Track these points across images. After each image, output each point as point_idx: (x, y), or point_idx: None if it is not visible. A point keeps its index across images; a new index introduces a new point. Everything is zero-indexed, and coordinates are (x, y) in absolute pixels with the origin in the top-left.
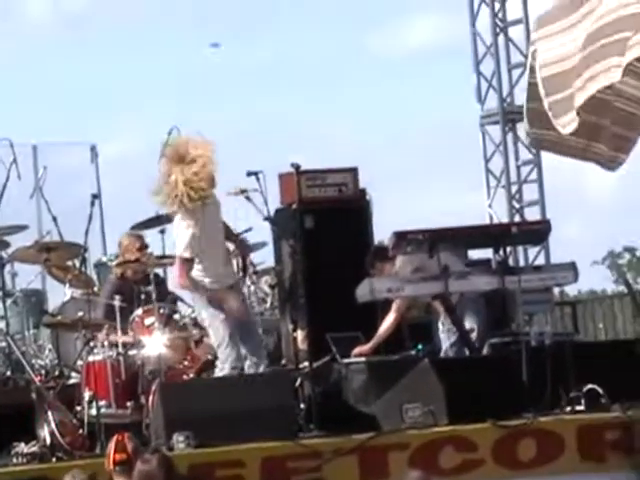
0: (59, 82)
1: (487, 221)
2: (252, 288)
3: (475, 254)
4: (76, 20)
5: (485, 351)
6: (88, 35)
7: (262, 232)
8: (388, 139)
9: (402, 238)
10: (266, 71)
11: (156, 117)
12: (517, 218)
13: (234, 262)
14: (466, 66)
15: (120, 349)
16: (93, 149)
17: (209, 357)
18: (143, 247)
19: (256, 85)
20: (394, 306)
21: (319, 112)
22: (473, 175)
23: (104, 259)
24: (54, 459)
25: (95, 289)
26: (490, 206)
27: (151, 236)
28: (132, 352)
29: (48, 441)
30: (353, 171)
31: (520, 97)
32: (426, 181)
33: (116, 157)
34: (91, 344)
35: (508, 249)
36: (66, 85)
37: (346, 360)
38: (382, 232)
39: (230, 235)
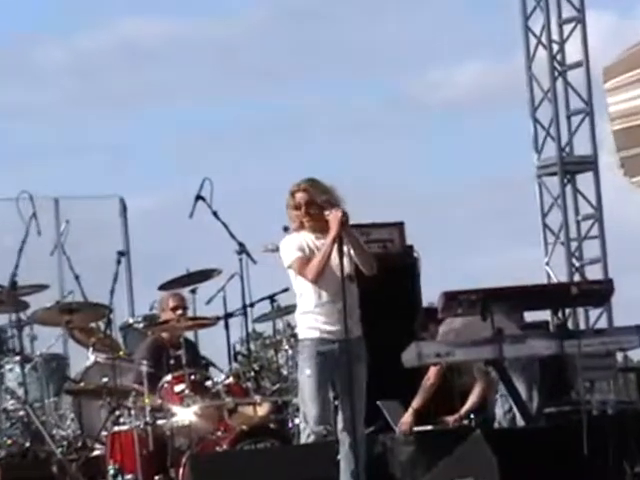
0: (79, 134)
1: (544, 280)
2: (290, 352)
3: (531, 316)
4: (93, 69)
5: (542, 421)
6: (107, 85)
7: None
8: (435, 191)
9: (452, 299)
10: (302, 119)
11: (182, 170)
12: (577, 277)
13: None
14: (521, 113)
15: (148, 418)
16: (122, 202)
17: (244, 428)
18: (178, 307)
19: (292, 135)
20: (433, 370)
21: (359, 162)
22: (529, 231)
23: (131, 321)
24: None
25: (121, 353)
26: (548, 264)
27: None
28: (161, 422)
29: None
30: (399, 226)
31: (580, 146)
32: (477, 237)
33: (142, 211)
34: (116, 413)
35: (567, 311)
36: (88, 137)
37: (392, 431)
38: (430, 291)
39: None
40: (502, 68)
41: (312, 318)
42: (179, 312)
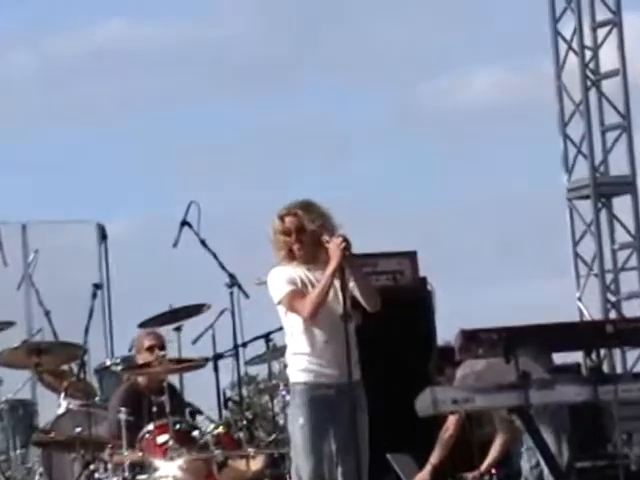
0: (48, 154)
1: (576, 317)
2: (287, 398)
3: (561, 358)
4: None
5: (573, 477)
6: (77, 94)
7: None
8: (452, 215)
9: (471, 338)
10: (301, 132)
11: (158, 191)
12: (613, 314)
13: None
14: (549, 128)
15: (127, 473)
16: (100, 228)
17: None
18: (156, 347)
19: (289, 151)
20: (451, 420)
21: (360, 182)
22: (558, 260)
23: (108, 363)
24: None
25: (96, 399)
26: (580, 299)
27: (165, 334)
28: (141, 477)
29: None
30: (411, 255)
31: (616, 166)
32: (500, 267)
33: (120, 238)
34: (91, 467)
35: (602, 352)
36: (55, 157)
37: None
38: (446, 329)
39: None
40: (527, 77)
41: (305, 360)
42: (156, 353)
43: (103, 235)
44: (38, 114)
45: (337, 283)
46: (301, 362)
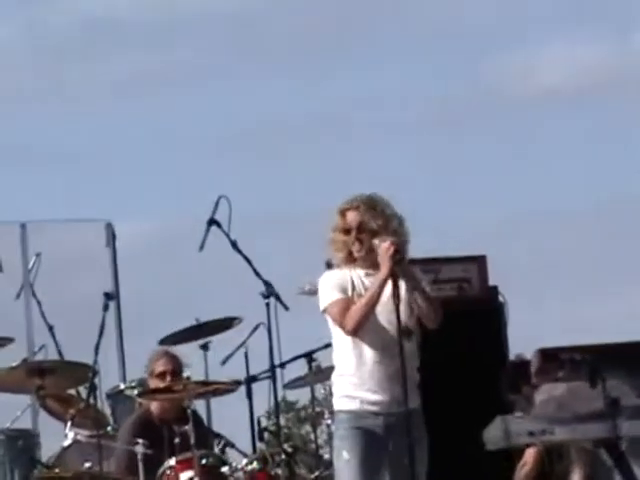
0: (50, 145)
1: None
2: (333, 428)
3: None
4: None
5: None
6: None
7: None
8: (527, 211)
9: (551, 359)
10: (348, 117)
11: (179, 186)
12: None
13: None
14: None
15: None
16: (109, 228)
17: None
18: (166, 373)
19: (334, 137)
20: (530, 453)
21: (420, 172)
22: None
23: (122, 386)
24: None
25: (109, 429)
26: None
27: (190, 353)
28: None
29: None
30: (479, 260)
31: None
32: (584, 275)
33: (135, 240)
34: None
35: None
36: (58, 149)
37: None
38: (519, 347)
39: None
40: (619, 51)
41: (350, 383)
42: (168, 379)
43: (113, 236)
44: (33, 97)
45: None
46: (346, 386)
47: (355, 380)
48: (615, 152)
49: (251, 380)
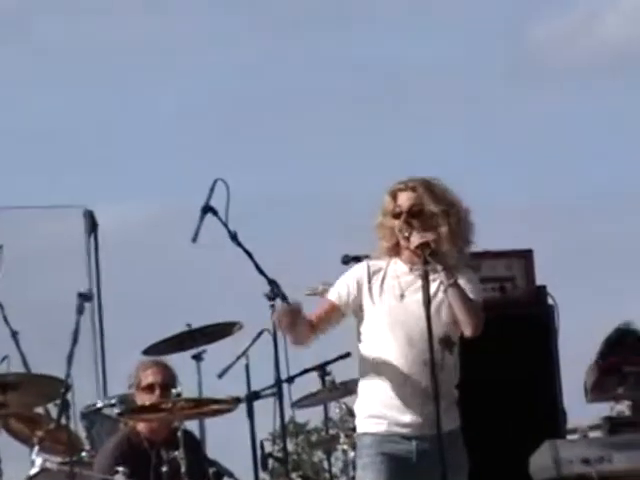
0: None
1: None
2: (351, 455)
3: None
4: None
5: None
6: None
7: None
8: (579, 197)
9: (611, 372)
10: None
11: (168, 169)
12: None
13: None
14: None
15: None
16: (88, 216)
17: None
18: (164, 384)
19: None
20: None
21: (455, 155)
22: None
23: (100, 404)
24: None
25: (83, 455)
26: None
27: (181, 365)
28: None
29: None
30: (525, 256)
31: None
32: None
33: (117, 231)
34: None
35: None
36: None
37: None
38: (572, 355)
39: None
40: None
41: (376, 401)
42: (157, 393)
43: (92, 225)
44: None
45: (440, 296)
46: (369, 404)
47: (380, 397)
48: None
49: (253, 397)
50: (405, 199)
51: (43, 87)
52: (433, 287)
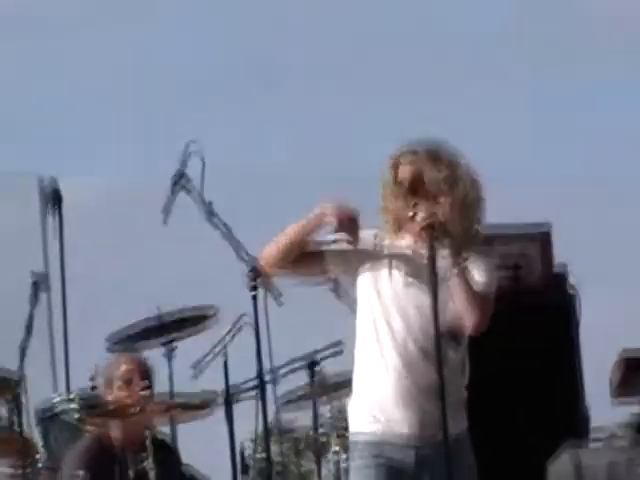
0: None
1: None
2: (344, 460)
3: None
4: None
5: None
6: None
7: None
8: (601, 177)
9: (638, 368)
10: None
11: (136, 134)
12: None
13: None
14: None
15: None
16: (50, 188)
17: None
18: (136, 381)
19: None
20: None
21: (462, 120)
22: None
23: (57, 402)
24: None
25: (39, 462)
26: None
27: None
28: None
29: None
30: (542, 236)
31: None
32: None
33: (78, 205)
34: None
35: None
36: None
37: None
38: (596, 349)
39: None
40: None
41: (373, 399)
42: (136, 385)
43: (55, 198)
44: None
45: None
46: (364, 400)
47: (376, 395)
48: None
49: (232, 394)
50: (406, 171)
51: None
52: (441, 273)
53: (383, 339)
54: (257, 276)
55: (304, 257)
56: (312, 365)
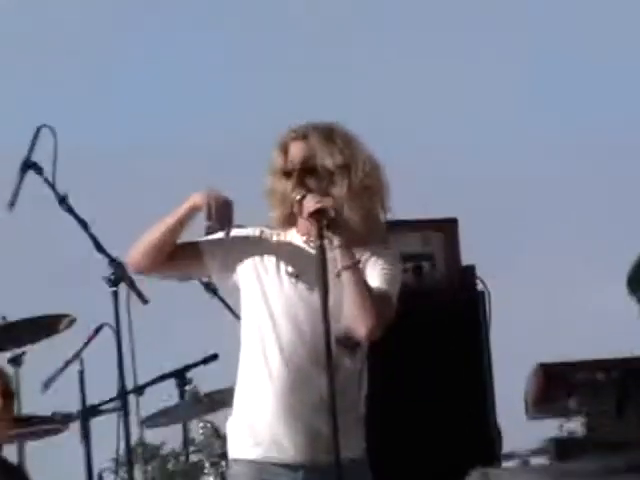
0: None
1: None
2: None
3: None
4: None
5: None
6: None
7: None
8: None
9: (559, 377)
10: None
11: None
12: None
13: None
14: None
15: None
16: None
17: None
18: (5, 394)
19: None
20: None
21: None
22: None
23: None
24: None
25: None
26: None
27: None
28: None
29: None
30: (448, 227)
31: None
32: (600, 254)
33: None
34: None
35: None
36: None
37: None
38: (505, 359)
39: None
40: None
41: (252, 416)
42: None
43: None
44: None
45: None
46: (244, 420)
47: (263, 413)
48: None
49: (89, 413)
50: (297, 151)
51: None
52: (334, 267)
53: (269, 347)
54: (119, 280)
55: (177, 253)
56: (183, 381)
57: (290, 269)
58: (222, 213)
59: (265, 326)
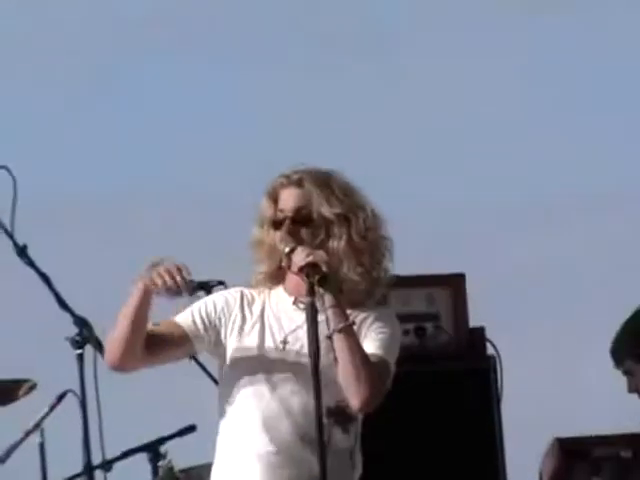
0: None
1: None
2: None
3: None
4: None
5: None
6: None
7: None
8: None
9: (578, 455)
10: None
11: None
12: None
13: None
14: None
15: None
16: None
17: None
18: None
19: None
20: None
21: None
22: None
23: None
24: None
25: None
26: None
27: None
28: None
29: None
30: (454, 283)
31: None
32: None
33: None
34: None
35: None
36: None
37: None
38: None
39: None
40: None
41: None
42: None
43: None
44: None
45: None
46: None
47: None
48: None
49: None
50: (289, 198)
51: None
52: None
53: (251, 421)
54: (85, 341)
55: (156, 339)
56: (156, 455)
57: (277, 334)
58: (174, 283)
59: (248, 401)
